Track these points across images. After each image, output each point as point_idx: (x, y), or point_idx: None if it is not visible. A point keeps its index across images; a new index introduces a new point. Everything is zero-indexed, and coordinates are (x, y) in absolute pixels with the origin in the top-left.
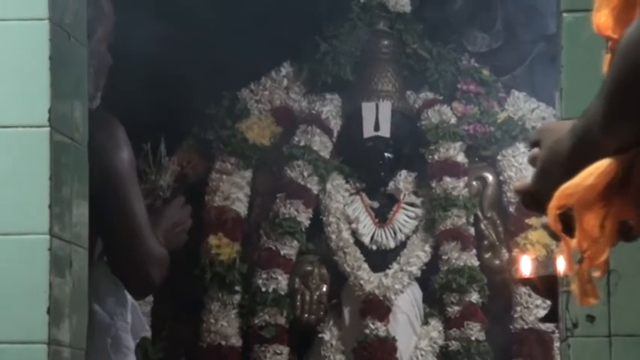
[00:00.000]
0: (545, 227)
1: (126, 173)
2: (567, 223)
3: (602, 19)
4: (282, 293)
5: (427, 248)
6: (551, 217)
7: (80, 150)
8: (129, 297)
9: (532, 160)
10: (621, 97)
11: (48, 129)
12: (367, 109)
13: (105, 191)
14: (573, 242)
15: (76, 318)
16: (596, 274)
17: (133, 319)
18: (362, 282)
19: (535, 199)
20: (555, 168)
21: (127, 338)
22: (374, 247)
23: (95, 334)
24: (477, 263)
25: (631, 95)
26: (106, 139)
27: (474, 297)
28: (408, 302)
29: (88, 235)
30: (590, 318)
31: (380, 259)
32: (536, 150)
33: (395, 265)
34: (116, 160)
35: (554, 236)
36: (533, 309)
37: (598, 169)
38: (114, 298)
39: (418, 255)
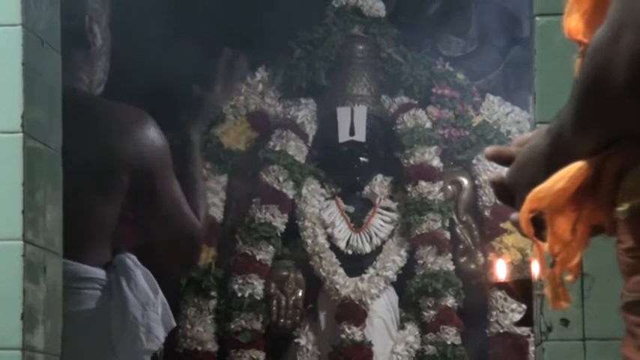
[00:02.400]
0: (514, 223)
1: (168, 163)
2: (539, 226)
3: (573, 23)
4: (258, 298)
5: (403, 252)
6: (523, 220)
7: (54, 156)
8: (160, 291)
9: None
10: (589, 101)
11: (21, 135)
12: (342, 113)
13: (145, 182)
14: (546, 246)
15: (51, 324)
16: (569, 277)
17: (163, 311)
18: (338, 287)
19: (509, 192)
20: (531, 164)
21: (158, 329)
22: (349, 252)
23: (128, 322)
24: (452, 267)
25: (598, 99)
26: (142, 133)
27: (450, 301)
28: (384, 307)
29: (117, 226)
30: (565, 322)
31: (356, 263)
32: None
33: (371, 270)
34: (159, 151)
35: (524, 233)
36: (508, 313)
37: (569, 173)
38: (147, 289)
39: (394, 259)
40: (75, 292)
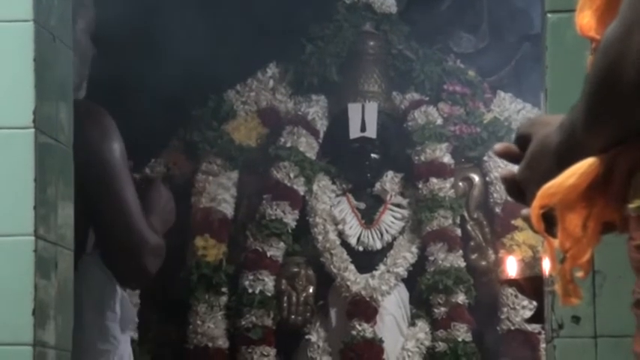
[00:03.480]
0: (525, 219)
1: (117, 163)
2: (550, 222)
3: (585, 20)
4: (269, 295)
5: (414, 249)
6: (534, 216)
7: (65, 151)
8: (118, 288)
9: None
10: (600, 98)
11: (33, 130)
12: (353, 109)
13: (96, 182)
14: (556, 242)
15: (62, 319)
16: (580, 274)
17: (122, 310)
18: (348, 283)
19: (520, 188)
20: (543, 161)
21: (114, 328)
22: (360, 249)
23: (84, 323)
24: (463, 264)
25: (609, 96)
26: (96, 129)
27: (461, 298)
28: (394, 303)
29: (80, 225)
30: (576, 319)
31: (366, 260)
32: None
33: (381, 267)
34: (107, 150)
35: (535, 229)
36: (519, 310)
37: (580, 169)
38: (103, 289)
39: (405, 256)
40: None
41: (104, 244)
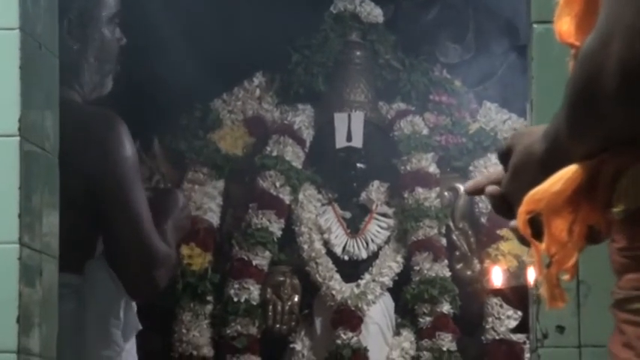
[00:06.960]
0: (513, 230)
1: (129, 171)
2: (536, 227)
3: (565, 26)
4: (254, 303)
5: (399, 259)
6: (520, 222)
7: (51, 159)
8: (124, 295)
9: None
10: (581, 108)
11: (18, 138)
12: (339, 119)
13: (107, 189)
14: (542, 247)
15: (46, 327)
16: (565, 277)
17: (126, 317)
18: (334, 292)
19: (506, 202)
20: (527, 171)
21: (117, 334)
22: (346, 258)
23: (87, 328)
24: (448, 274)
25: (589, 107)
26: (110, 137)
27: (446, 308)
28: (379, 313)
29: (89, 231)
30: (560, 329)
31: (352, 269)
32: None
33: (367, 276)
34: (120, 158)
35: (522, 240)
36: (504, 320)
37: (565, 175)
38: (109, 295)
39: (390, 265)
40: None
41: (114, 255)
